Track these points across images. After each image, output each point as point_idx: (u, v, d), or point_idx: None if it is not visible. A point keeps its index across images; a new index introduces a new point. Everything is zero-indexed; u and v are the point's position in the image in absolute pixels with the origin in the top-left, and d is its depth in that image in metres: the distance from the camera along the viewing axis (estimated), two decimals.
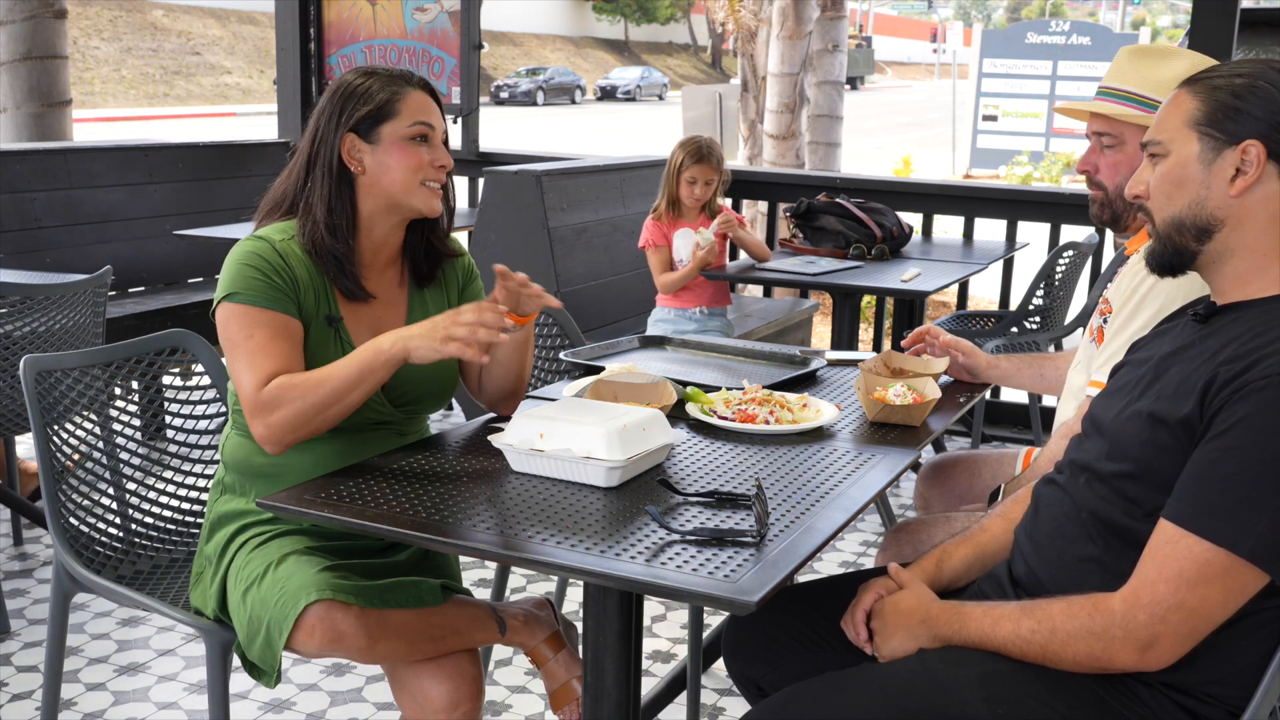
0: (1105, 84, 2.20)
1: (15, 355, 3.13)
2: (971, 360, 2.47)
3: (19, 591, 3.38)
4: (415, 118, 2.05)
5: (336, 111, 2.05)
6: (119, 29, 30.41)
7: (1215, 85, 1.57)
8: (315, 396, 1.89)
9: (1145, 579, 1.47)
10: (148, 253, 5.20)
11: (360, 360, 1.90)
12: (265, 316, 1.95)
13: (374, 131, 2.04)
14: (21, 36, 6.64)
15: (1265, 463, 1.41)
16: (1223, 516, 1.43)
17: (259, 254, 1.99)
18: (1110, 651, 1.49)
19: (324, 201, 2.04)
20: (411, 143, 2.05)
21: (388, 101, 2.04)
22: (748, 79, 10.26)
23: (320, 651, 1.86)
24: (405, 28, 5.97)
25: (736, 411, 2.14)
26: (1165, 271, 1.64)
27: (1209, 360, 1.51)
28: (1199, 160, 1.56)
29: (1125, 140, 2.14)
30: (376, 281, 2.11)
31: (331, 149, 2.04)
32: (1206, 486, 1.44)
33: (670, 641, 3.21)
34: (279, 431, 1.90)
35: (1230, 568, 1.43)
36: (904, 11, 59.66)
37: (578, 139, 24.01)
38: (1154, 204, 1.62)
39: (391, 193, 2.05)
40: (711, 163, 4.26)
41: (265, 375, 1.91)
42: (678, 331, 4.16)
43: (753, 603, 1.42)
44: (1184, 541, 1.45)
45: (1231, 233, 1.56)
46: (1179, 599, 1.44)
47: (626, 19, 49.02)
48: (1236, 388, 1.45)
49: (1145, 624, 1.46)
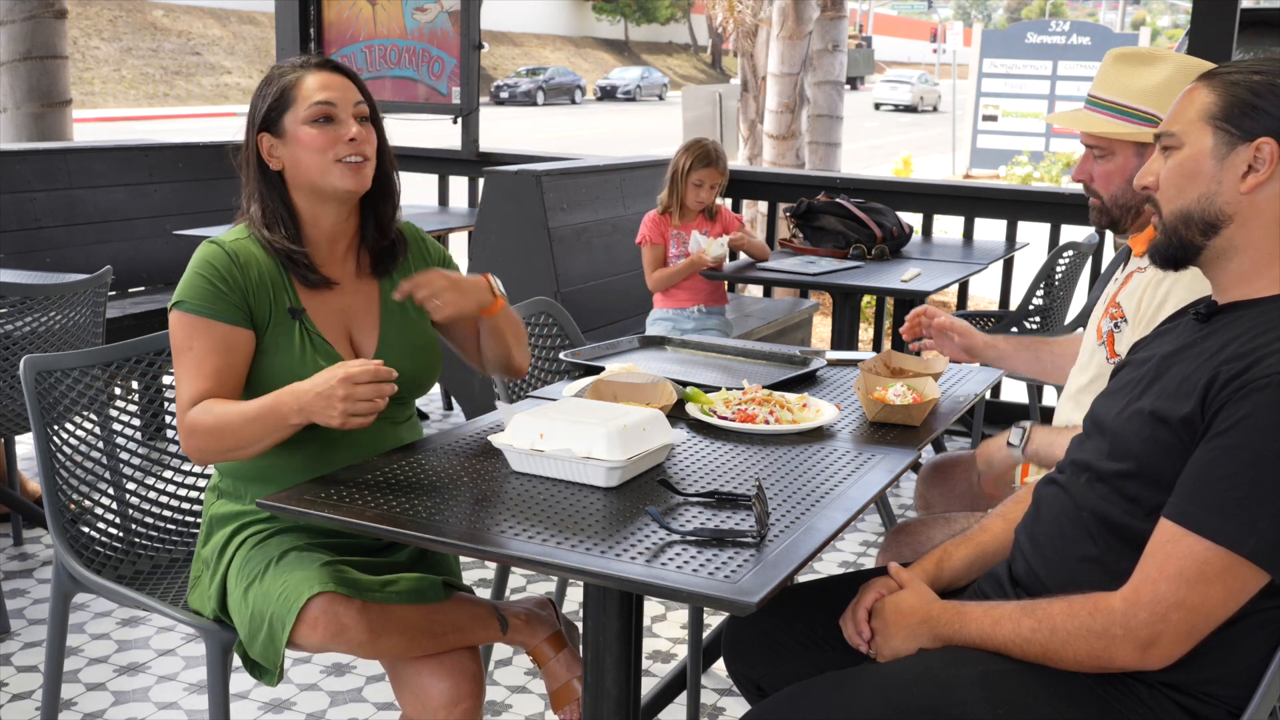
0: (1093, 92, 2.20)
1: (15, 355, 3.13)
2: (968, 340, 2.50)
3: (19, 591, 3.38)
4: (310, 99, 2.02)
5: (250, 112, 2.07)
6: (119, 29, 30.40)
7: (1233, 80, 1.56)
8: (224, 442, 1.93)
9: (1146, 578, 1.47)
10: (148, 253, 5.20)
11: (265, 414, 1.90)
12: (205, 326, 1.97)
13: (278, 125, 2.04)
14: (21, 36, 6.64)
15: (1266, 462, 1.41)
16: (1224, 515, 1.42)
17: (210, 261, 2.01)
18: (1111, 650, 1.49)
19: (257, 201, 2.06)
20: (314, 125, 2.02)
21: (283, 91, 2.04)
22: (748, 79, 10.25)
23: (323, 645, 1.86)
24: (405, 28, 5.96)
25: (736, 411, 2.14)
26: (1168, 265, 1.64)
27: (1210, 359, 1.51)
28: (1212, 155, 1.56)
29: (1115, 152, 2.15)
30: (338, 269, 2.11)
31: (253, 150, 2.05)
32: (1207, 485, 1.44)
33: (670, 641, 3.21)
34: (197, 454, 1.98)
35: (1231, 567, 1.43)
36: (904, 11, 59.64)
37: (577, 140, 24.01)
38: (1163, 196, 1.61)
39: (311, 179, 2.04)
40: (719, 166, 4.29)
41: (195, 395, 1.95)
42: (676, 331, 4.17)
43: (753, 603, 1.41)
44: (1185, 540, 1.45)
45: (1238, 229, 1.55)
46: (1179, 598, 1.44)
47: (626, 19, 49.02)
48: (1237, 387, 1.44)
49: (1146, 623, 1.46)
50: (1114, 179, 2.15)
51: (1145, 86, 2.12)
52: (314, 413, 1.84)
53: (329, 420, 1.82)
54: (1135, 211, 2.16)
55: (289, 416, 1.87)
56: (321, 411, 1.83)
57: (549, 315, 2.91)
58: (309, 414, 1.84)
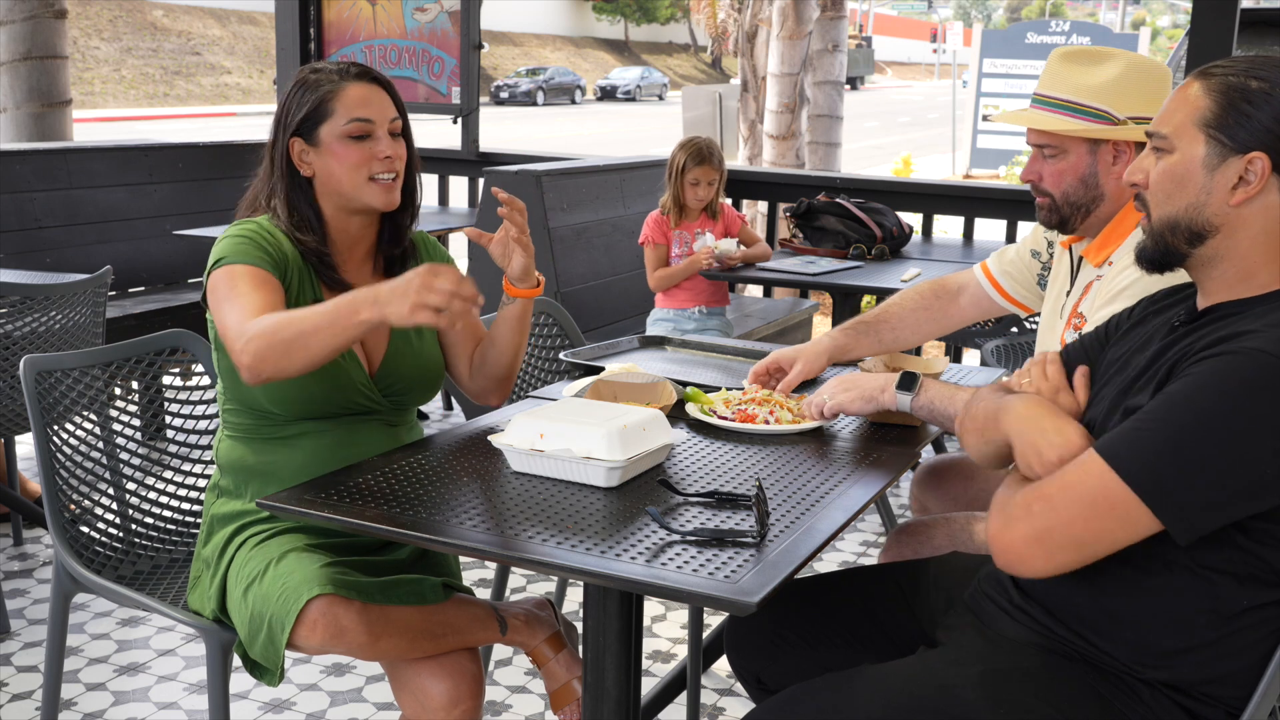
0: (1039, 91, 2.17)
1: (15, 355, 3.13)
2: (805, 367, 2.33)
3: (19, 591, 3.38)
4: (350, 114, 2.02)
5: (283, 114, 2.05)
6: (119, 29, 30.41)
7: (1230, 85, 1.53)
8: (291, 329, 1.82)
9: (1048, 478, 1.50)
10: (148, 253, 5.20)
11: (337, 305, 1.81)
12: (252, 272, 1.94)
13: (314, 134, 2.03)
14: (21, 36, 6.64)
15: (1190, 410, 1.40)
16: (1119, 437, 1.44)
17: (245, 231, 2.00)
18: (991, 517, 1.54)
19: (285, 204, 2.05)
20: (351, 140, 2.02)
21: (322, 101, 2.02)
22: (748, 79, 10.25)
23: (322, 647, 1.86)
24: (405, 28, 5.96)
25: (736, 411, 2.14)
26: (1153, 269, 1.63)
27: (1188, 347, 1.50)
28: (1203, 164, 1.53)
29: (1068, 150, 2.12)
30: (356, 274, 2.11)
31: (283, 154, 2.05)
32: (1132, 422, 1.45)
33: (670, 641, 3.21)
34: (255, 355, 1.82)
35: (1107, 482, 1.42)
36: (904, 11, 59.64)
37: (577, 141, 24.00)
38: (1152, 198, 1.60)
39: (342, 192, 2.04)
40: (713, 163, 4.28)
41: (250, 314, 1.87)
42: (677, 331, 4.17)
43: (753, 604, 1.41)
44: (1086, 454, 1.47)
45: (1224, 240, 1.54)
46: (1049, 493, 1.46)
47: (626, 19, 49.02)
48: (1202, 356, 1.45)
49: (1019, 504, 1.50)
50: (1065, 177, 2.13)
51: (1097, 83, 2.10)
52: (387, 303, 1.75)
53: (400, 311, 1.73)
54: (1085, 210, 2.13)
55: (360, 310, 1.77)
56: (396, 301, 1.74)
57: (549, 315, 2.91)
58: (382, 305, 1.75)
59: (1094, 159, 2.10)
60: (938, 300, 2.53)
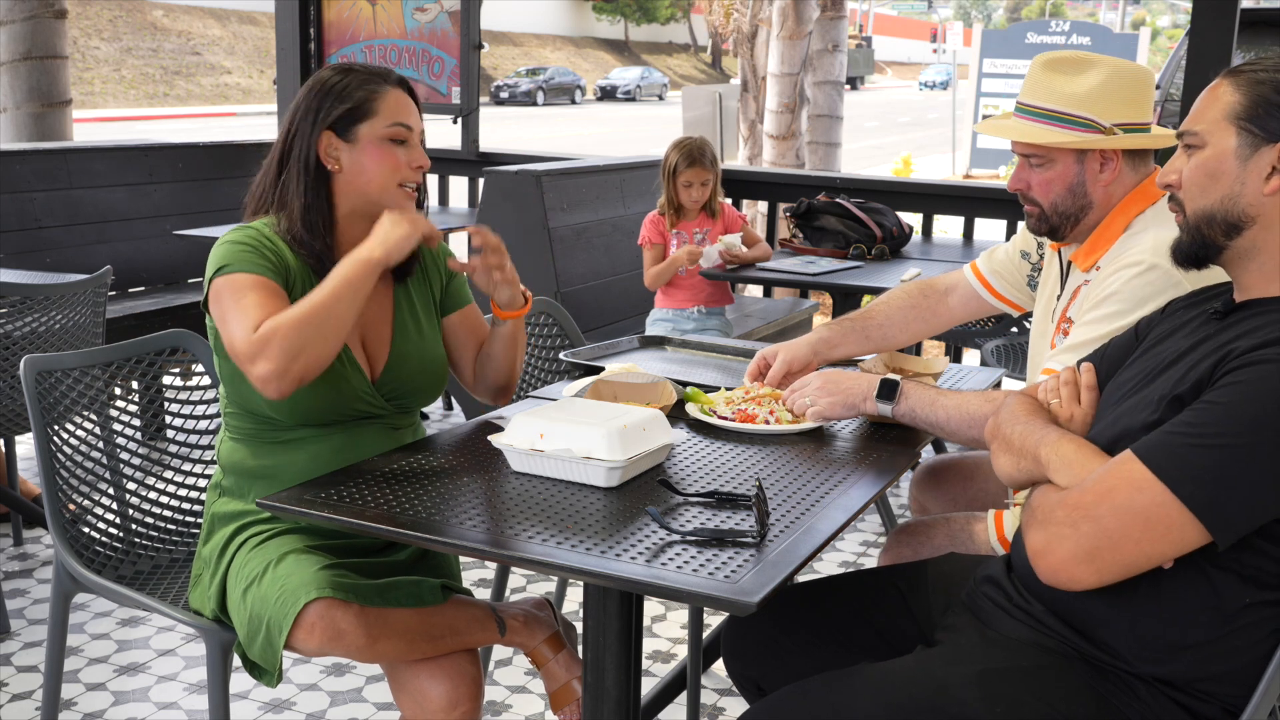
0: (1023, 100, 2.14)
1: (15, 355, 3.13)
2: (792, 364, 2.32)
3: (19, 591, 3.38)
4: (393, 118, 2.04)
5: (314, 108, 2.04)
6: (119, 29, 30.41)
7: (1259, 79, 1.55)
8: (305, 314, 1.85)
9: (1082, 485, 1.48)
10: (148, 253, 5.20)
11: (344, 275, 1.91)
12: (256, 280, 1.94)
13: (351, 130, 2.03)
14: (21, 36, 6.64)
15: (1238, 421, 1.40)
16: (1171, 455, 1.42)
17: (246, 238, 2.00)
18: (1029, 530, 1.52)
19: (300, 197, 2.03)
20: (389, 144, 2.04)
21: (365, 100, 2.03)
22: (748, 79, 10.26)
23: (320, 650, 1.86)
24: (405, 28, 5.97)
25: (736, 411, 2.14)
26: (1190, 264, 1.63)
27: (1225, 345, 1.50)
28: (1235, 155, 1.55)
29: (1055, 160, 2.10)
30: None
31: (308, 146, 2.03)
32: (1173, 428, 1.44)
33: (670, 641, 3.21)
34: (278, 363, 1.82)
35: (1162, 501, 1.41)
36: (904, 11, 59.65)
37: (577, 141, 24.00)
38: (1186, 195, 1.60)
39: (367, 193, 2.04)
40: (705, 164, 4.26)
41: (255, 322, 1.87)
42: (677, 331, 4.17)
43: (753, 604, 1.41)
44: (1129, 464, 1.44)
45: (1261, 231, 1.55)
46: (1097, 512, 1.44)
47: (626, 19, 49.02)
48: (1245, 362, 1.44)
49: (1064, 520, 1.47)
50: (1053, 186, 2.11)
51: (1080, 92, 2.08)
52: (388, 232, 1.95)
53: (400, 232, 1.95)
54: (1074, 219, 2.11)
55: (371, 252, 1.93)
56: (394, 226, 1.95)
57: (549, 315, 2.91)
58: (384, 236, 1.95)
59: (1081, 168, 2.09)
60: (925, 299, 2.53)
